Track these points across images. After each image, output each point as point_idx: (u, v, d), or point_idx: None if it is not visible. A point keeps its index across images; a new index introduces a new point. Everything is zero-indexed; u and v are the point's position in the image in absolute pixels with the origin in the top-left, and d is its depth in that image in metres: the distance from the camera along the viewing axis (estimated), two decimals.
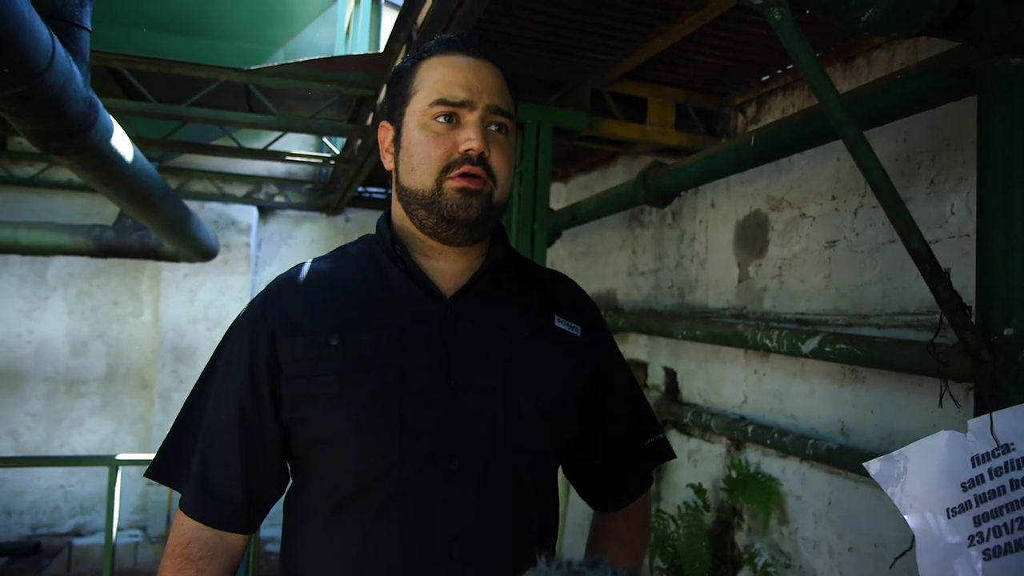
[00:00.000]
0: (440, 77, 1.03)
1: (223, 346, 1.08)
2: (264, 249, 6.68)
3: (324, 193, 6.50)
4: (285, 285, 1.08)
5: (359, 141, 4.15)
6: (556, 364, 1.08)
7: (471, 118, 1.01)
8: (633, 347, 3.90)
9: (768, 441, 2.67)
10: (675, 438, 3.45)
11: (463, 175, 1.00)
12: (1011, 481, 1.05)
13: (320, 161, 5.06)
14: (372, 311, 1.03)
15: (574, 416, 1.11)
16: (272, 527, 5.46)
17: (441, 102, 1.01)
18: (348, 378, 0.99)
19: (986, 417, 1.08)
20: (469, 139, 0.99)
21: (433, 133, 1.02)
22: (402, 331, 1.01)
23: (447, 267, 1.07)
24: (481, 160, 1.00)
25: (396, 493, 0.97)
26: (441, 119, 1.01)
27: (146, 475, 1.07)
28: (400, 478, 0.97)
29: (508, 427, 1.01)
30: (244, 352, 1.03)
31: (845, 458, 2.25)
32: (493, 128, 1.03)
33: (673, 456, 1.26)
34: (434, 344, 1.01)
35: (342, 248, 1.15)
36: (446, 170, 1.00)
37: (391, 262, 1.06)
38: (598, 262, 4.49)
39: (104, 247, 5.14)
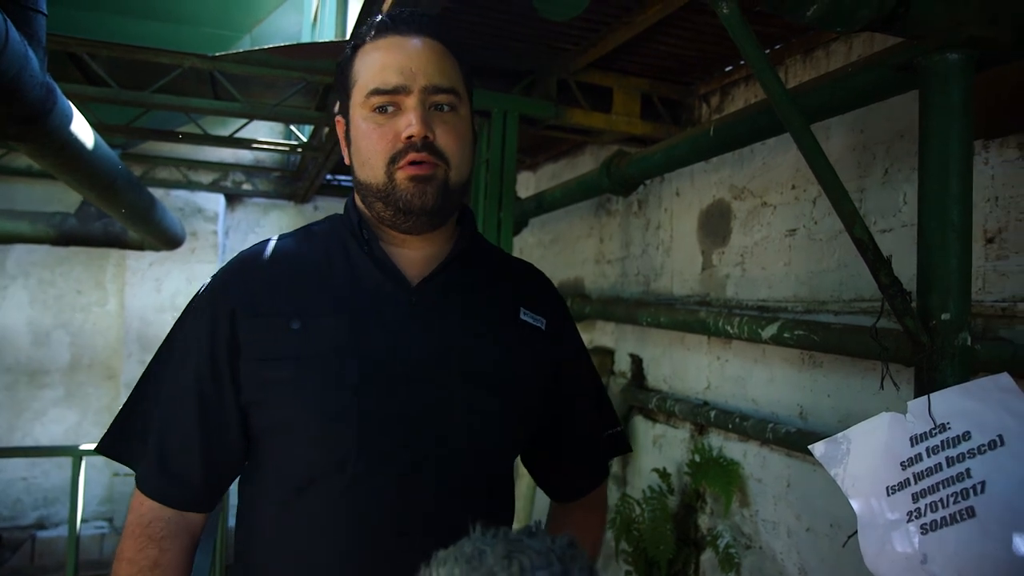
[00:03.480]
0: (372, 64, 0.99)
1: (182, 321, 1.04)
2: (232, 237, 6.61)
3: (292, 181, 6.43)
4: (247, 261, 1.04)
5: (327, 129, 4.12)
6: (519, 359, 1.06)
7: (409, 102, 0.97)
8: (600, 334, 3.95)
9: (730, 426, 2.72)
10: (641, 424, 3.50)
11: (411, 163, 0.97)
12: (947, 459, 1.10)
13: (288, 149, 5.01)
14: (335, 294, 1.00)
15: (536, 411, 1.09)
16: None
17: (375, 92, 0.98)
18: (306, 364, 0.95)
19: (924, 398, 1.12)
20: (409, 125, 0.96)
21: (375, 124, 0.99)
22: (365, 318, 0.98)
23: (413, 253, 1.04)
24: (427, 145, 0.97)
25: (351, 484, 0.94)
26: (379, 110, 0.98)
27: (96, 450, 1.04)
28: (355, 469, 0.94)
29: (468, 421, 0.99)
30: (204, 329, 0.99)
31: (803, 441, 2.30)
32: (440, 108, 0.99)
33: (629, 450, 1.25)
34: (396, 334, 0.98)
35: (308, 227, 1.11)
36: (393, 161, 0.97)
37: (357, 246, 1.03)
38: (566, 250, 4.52)
39: (66, 235, 5.06)
